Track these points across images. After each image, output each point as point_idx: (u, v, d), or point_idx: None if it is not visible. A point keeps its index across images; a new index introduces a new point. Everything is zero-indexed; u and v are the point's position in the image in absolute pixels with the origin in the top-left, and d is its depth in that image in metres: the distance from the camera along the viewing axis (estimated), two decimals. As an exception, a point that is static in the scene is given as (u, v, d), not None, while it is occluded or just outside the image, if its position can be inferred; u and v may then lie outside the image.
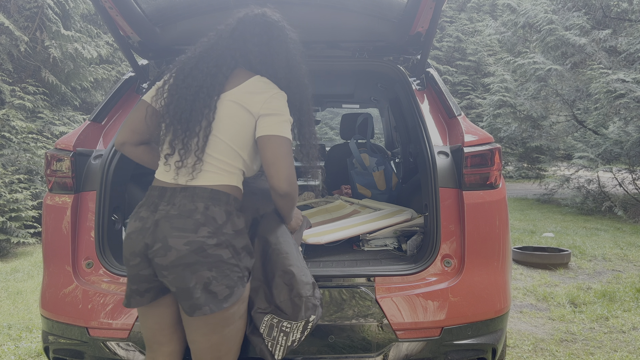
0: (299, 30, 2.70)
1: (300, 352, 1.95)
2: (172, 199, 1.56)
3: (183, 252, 1.48)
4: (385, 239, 2.49)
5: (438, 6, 2.23)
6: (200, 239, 1.50)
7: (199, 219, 1.52)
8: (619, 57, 9.94)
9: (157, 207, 1.56)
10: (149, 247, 1.53)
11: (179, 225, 1.51)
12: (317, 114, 5.60)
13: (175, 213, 1.53)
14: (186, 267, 1.49)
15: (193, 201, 1.54)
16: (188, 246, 1.49)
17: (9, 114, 7.02)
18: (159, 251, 1.50)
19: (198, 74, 1.63)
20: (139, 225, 1.56)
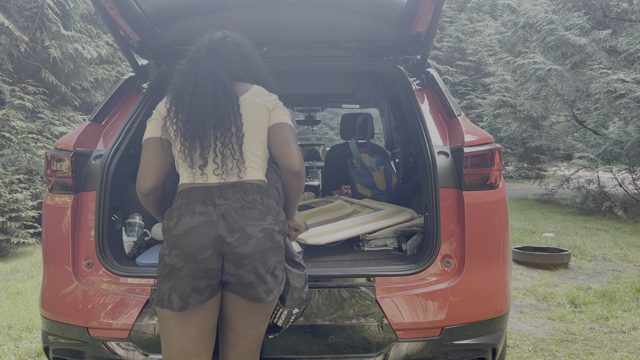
0: (299, 30, 2.72)
1: (301, 351, 1.95)
2: (223, 194, 1.61)
3: (260, 238, 1.58)
4: (385, 239, 2.49)
5: (438, 6, 2.23)
6: (269, 225, 1.61)
7: (262, 209, 1.62)
8: (619, 57, 9.94)
9: (214, 202, 1.59)
10: (224, 238, 1.55)
11: (250, 215, 1.59)
12: (317, 114, 5.60)
13: (239, 205, 1.59)
14: (264, 253, 1.58)
15: (248, 194, 1.62)
16: (263, 233, 1.58)
17: (9, 114, 7.02)
18: (240, 240, 1.55)
19: (205, 91, 1.66)
20: (202, 219, 1.56)
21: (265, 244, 1.58)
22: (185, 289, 1.55)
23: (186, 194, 1.63)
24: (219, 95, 1.66)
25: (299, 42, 2.81)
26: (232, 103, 1.67)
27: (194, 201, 1.61)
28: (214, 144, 1.63)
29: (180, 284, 1.55)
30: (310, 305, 1.97)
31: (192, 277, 1.55)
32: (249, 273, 1.56)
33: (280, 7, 2.59)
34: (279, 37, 2.73)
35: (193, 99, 1.66)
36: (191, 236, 1.55)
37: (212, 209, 1.57)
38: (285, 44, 2.82)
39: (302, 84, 3.97)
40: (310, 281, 2.01)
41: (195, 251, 1.54)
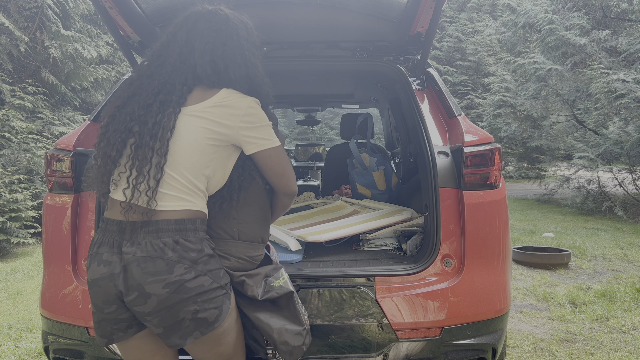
0: (298, 30, 2.71)
1: (300, 352, 1.95)
2: (134, 237, 1.41)
3: (164, 296, 1.38)
4: (385, 239, 2.49)
5: (438, 6, 2.22)
6: (177, 277, 1.39)
7: (171, 257, 1.40)
8: (619, 57, 9.93)
9: (120, 249, 1.42)
10: (123, 295, 1.42)
11: (152, 269, 1.38)
12: (317, 114, 5.60)
13: (143, 255, 1.39)
14: (170, 308, 1.40)
15: (159, 237, 1.41)
16: (167, 288, 1.39)
17: (9, 114, 7.02)
18: (138, 300, 1.39)
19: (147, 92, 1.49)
20: (105, 271, 1.42)
21: (172, 299, 1.39)
22: (105, 329, 1.50)
23: (104, 227, 1.48)
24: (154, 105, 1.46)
25: (299, 42, 2.80)
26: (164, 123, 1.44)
27: (105, 242, 1.45)
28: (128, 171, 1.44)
29: (98, 326, 1.50)
30: (310, 305, 1.97)
31: (108, 322, 1.49)
32: (155, 327, 1.44)
33: (280, 7, 2.59)
34: (278, 37, 2.73)
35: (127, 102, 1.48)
36: (95, 289, 1.45)
37: (117, 259, 1.41)
38: (285, 44, 2.82)
39: (302, 84, 3.96)
40: (310, 281, 2.01)
41: (101, 305, 1.46)
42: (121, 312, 1.46)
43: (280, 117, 18.83)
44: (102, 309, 1.47)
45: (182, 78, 1.52)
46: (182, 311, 1.42)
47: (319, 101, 4.85)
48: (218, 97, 1.52)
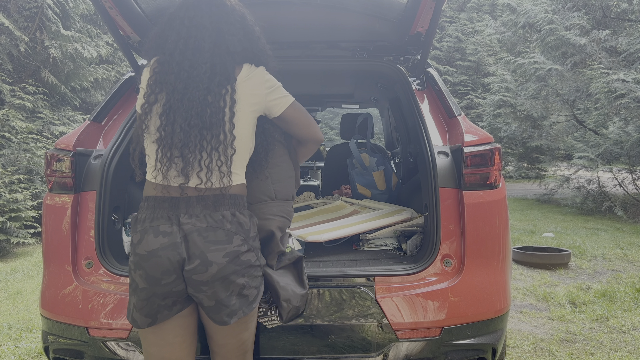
0: (299, 30, 2.71)
1: (301, 352, 1.95)
2: (190, 209, 1.48)
3: (223, 264, 1.46)
4: (385, 239, 2.49)
5: (438, 6, 2.22)
6: (235, 248, 1.49)
7: (229, 229, 1.49)
8: (619, 57, 9.94)
9: (179, 220, 1.47)
10: (186, 262, 1.46)
11: (214, 238, 1.46)
12: (317, 114, 5.60)
13: (204, 226, 1.47)
14: (225, 278, 1.47)
15: (217, 209, 1.49)
16: (227, 258, 1.47)
17: (8, 114, 7.02)
18: (199, 268, 1.45)
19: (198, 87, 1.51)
20: (165, 241, 1.45)
21: (229, 269, 1.47)
22: (152, 307, 1.50)
23: (152, 205, 1.51)
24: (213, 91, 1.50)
25: (299, 42, 2.80)
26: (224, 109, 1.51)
27: (159, 216, 1.48)
28: (198, 154, 1.48)
29: (145, 304, 1.50)
30: (310, 305, 1.97)
31: (158, 297, 1.49)
32: (208, 298, 1.49)
33: (280, 7, 2.59)
34: (278, 37, 2.73)
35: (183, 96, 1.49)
36: (154, 260, 1.45)
37: (177, 229, 1.46)
38: (285, 44, 2.82)
39: (302, 84, 3.96)
40: (310, 281, 2.01)
41: (159, 276, 1.46)
42: (178, 283, 1.48)
43: (280, 117, 18.77)
44: (159, 281, 1.46)
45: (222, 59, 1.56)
46: (234, 284, 1.49)
47: (319, 101, 4.85)
48: (244, 73, 1.61)
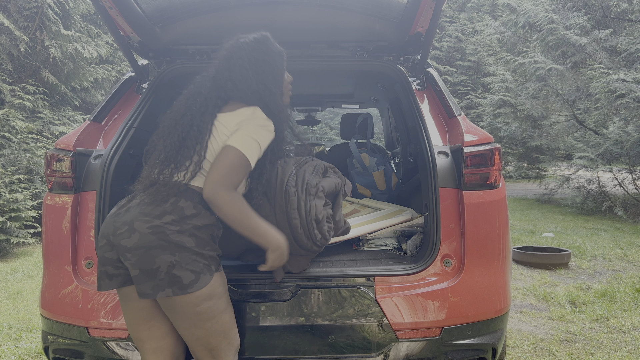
0: (299, 30, 2.71)
1: (301, 351, 1.95)
2: (149, 188, 1.69)
3: (145, 234, 1.58)
4: (385, 239, 2.49)
5: (438, 6, 2.22)
6: (162, 223, 1.59)
7: (166, 208, 1.63)
8: (619, 57, 9.94)
9: (134, 197, 1.72)
10: (115, 230, 1.62)
11: (147, 211, 1.62)
12: (317, 114, 5.60)
13: (148, 200, 1.65)
14: (148, 249, 1.57)
15: (168, 194, 1.66)
16: (150, 230, 1.58)
17: (8, 114, 7.02)
18: (124, 234, 1.59)
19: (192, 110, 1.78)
20: (114, 210, 1.71)
21: (151, 241, 1.57)
22: (99, 270, 1.71)
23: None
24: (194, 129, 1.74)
25: (299, 42, 2.80)
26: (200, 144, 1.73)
27: (128, 196, 1.77)
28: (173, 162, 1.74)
29: (98, 265, 1.72)
30: (310, 305, 1.97)
31: (100, 262, 1.70)
32: (133, 266, 1.59)
33: (280, 7, 2.59)
34: (279, 37, 2.72)
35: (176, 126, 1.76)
36: (103, 224, 1.69)
37: (127, 203, 1.70)
38: (285, 44, 2.80)
39: (302, 84, 3.96)
40: (310, 281, 2.01)
41: (98, 239, 1.70)
42: (108, 248, 1.66)
43: (280, 117, 18.78)
44: (97, 243, 1.70)
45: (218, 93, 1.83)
46: (159, 258, 1.57)
47: (319, 101, 4.85)
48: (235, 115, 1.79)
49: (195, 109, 1.79)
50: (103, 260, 1.68)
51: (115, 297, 1.99)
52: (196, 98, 1.81)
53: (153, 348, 1.76)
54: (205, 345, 1.69)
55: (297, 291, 1.98)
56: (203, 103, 1.79)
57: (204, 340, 1.68)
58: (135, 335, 1.77)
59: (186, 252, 1.60)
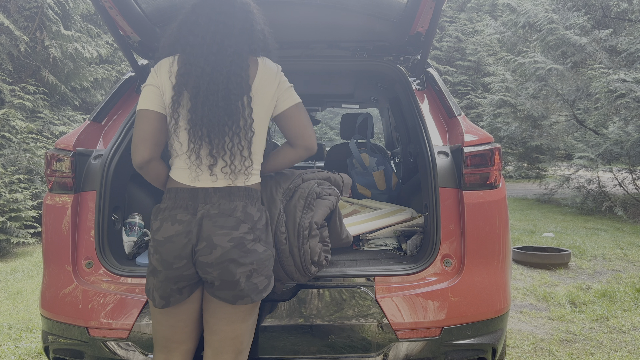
0: (298, 30, 2.71)
1: (301, 352, 1.95)
2: (208, 199, 1.61)
3: (227, 248, 1.56)
4: (385, 239, 2.49)
5: (438, 6, 2.22)
6: (241, 234, 1.58)
7: (239, 217, 1.59)
8: (619, 57, 9.94)
9: (196, 209, 1.60)
10: (194, 246, 1.58)
11: (222, 224, 1.57)
12: (317, 114, 5.60)
13: (216, 212, 1.59)
14: (231, 262, 1.56)
15: (232, 201, 1.62)
16: (232, 242, 1.57)
17: (8, 114, 7.02)
18: (204, 250, 1.56)
19: (219, 83, 1.59)
20: (180, 228, 1.58)
21: (234, 253, 1.56)
22: (165, 290, 1.63)
23: (173, 195, 1.65)
24: (231, 82, 1.59)
25: (299, 41, 2.80)
26: (241, 107, 1.60)
27: (179, 205, 1.62)
28: (226, 141, 1.60)
29: (160, 285, 1.63)
30: (310, 305, 1.97)
31: (170, 281, 1.62)
32: (215, 279, 1.59)
33: (280, 7, 2.59)
34: (279, 37, 2.71)
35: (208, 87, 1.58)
36: (168, 245, 1.59)
37: (192, 218, 1.59)
38: (285, 43, 2.82)
39: (302, 84, 3.96)
40: (310, 281, 2.01)
41: (172, 260, 1.59)
42: (188, 267, 1.60)
43: (280, 117, 18.78)
44: (171, 265, 1.59)
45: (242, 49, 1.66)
46: (240, 268, 1.57)
47: (319, 101, 4.85)
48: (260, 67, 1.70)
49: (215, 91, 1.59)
50: (179, 278, 1.61)
51: (115, 297, 1.99)
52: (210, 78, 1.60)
53: (188, 349, 1.74)
54: (238, 345, 1.68)
55: (296, 291, 1.98)
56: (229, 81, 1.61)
57: (240, 338, 1.68)
58: (175, 337, 1.70)
59: (260, 259, 1.62)
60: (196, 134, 1.59)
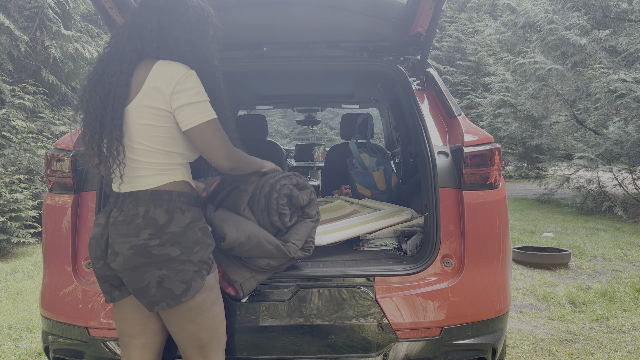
0: (298, 30, 2.71)
1: (300, 352, 1.95)
2: (121, 205, 1.63)
3: (128, 255, 1.55)
4: (385, 239, 2.49)
5: (438, 6, 2.22)
6: (142, 241, 1.55)
7: (139, 223, 1.56)
8: (619, 57, 9.94)
9: (110, 214, 1.65)
10: (105, 252, 1.64)
11: (123, 231, 1.57)
12: (317, 114, 5.60)
13: (121, 219, 1.59)
14: (135, 268, 1.56)
15: (136, 206, 1.59)
16: (132, 250, 1.55)
17: (9, 114, 7.02)
18: (110, 257, 1.60)
19: (105, 81, 1.60)
20: (96, 231, 1.66)
21: (135, 260, 1.54)
22: (104, 287, 1.71)
23: (109, 200, 1.71)
24: (111, 91, 1.57)
25: (299, 42, 2.80)
26: (117, 109, 1.57)
27: (104, 209, 1.70)
28: (101, 146, 1.62)
29: (100, 283, 1.73)
30: (310, 305, 1.97)
31: (101, 279, 1.70)
32: (127, 285, 1.61)
33: (280, 7, 2.59)
34: (278, 37, 2.73)
35: (94, 90, 1.60)
36: (90, 247, 1.68)
37: (106, 222, 1.64)
38: (285, 44, 2.82)
39: (302, 84, 3.96)
40: (310, 281, 2.01)
41: (93, 260, 1.68)
42: (107, 269, 1.66)
43: (280, 117, 18.80)
44: (94, 265, 1.68)
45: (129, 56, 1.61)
46: (147, 274, 1.55)
47: (319, 101, 4.85)
48: (151, 76, 1.58)
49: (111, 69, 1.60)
50: (105, 277, 1.68)
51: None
52: (113, 56, 1.62)
53: (142, 344, 1.76)
54: (196, 341, 1.68)
55: (297, 291, 1.98)
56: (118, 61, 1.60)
57: (194, 336, 1.67)
58: (127, 330, 1.75)
59: (173, 263, 1.56)
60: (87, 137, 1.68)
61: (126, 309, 1.73)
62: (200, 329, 1.66)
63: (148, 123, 1.59)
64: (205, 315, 1.66)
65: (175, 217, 1.59)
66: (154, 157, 1.62)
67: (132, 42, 1.60)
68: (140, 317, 1.74)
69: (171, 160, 1.65)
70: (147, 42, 1.59)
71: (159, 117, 1.59)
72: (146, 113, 1.58)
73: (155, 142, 1.61)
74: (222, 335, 1.75)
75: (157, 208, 1.58)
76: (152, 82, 1.57)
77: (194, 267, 1.60)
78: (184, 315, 1.63)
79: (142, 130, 1.59)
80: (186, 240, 1.59)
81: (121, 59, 1.59)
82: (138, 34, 1.60)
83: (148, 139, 1.60)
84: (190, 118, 1.58)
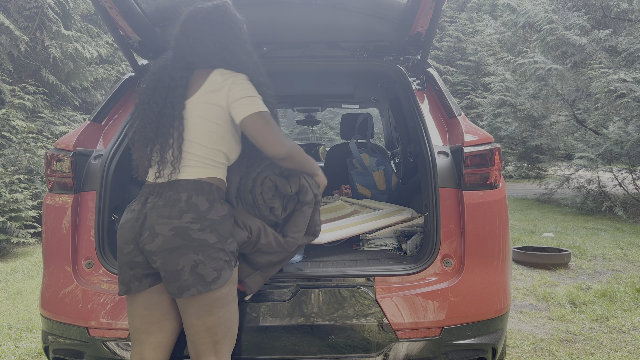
0: (299, 30, 2.71)
1: (301, 352, 1.95)
2: (160, 192, 1.69)
3: (169, 236, 1.60)
4: (385, 239, 2.49)
5: (438, 6, 2.22)
6: (184, 224, 1.61)
7: (182, 207, 1.63)
8: (619, 57, 9.94)
9: (146, 201, 1.70)
10: (139, 235, 1.66)
11: (165, 214, 1.63)
12: (317, 114, 5.60)
13: (162, 203, 1.65)
14: (173, 250, 1.60)
15: (178, 192, 1.67)
16: (173, 231, 1.60)
17: (9, 114, 7.02)
18: (147, 238, 1.62)
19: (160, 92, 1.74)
20: (130, 216, 1.71)
21: (175, 242, 1.59)
22: (124, 276, 1.72)
23: (141, 192, 1.78)
24: (168, 98, 1.73)
25: (299, 42, 2.80)
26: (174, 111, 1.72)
27: (137, 199, 1.75)
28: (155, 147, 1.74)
29: (121, 272, 1.74)
30: (310, 305, 1.97)
31: (126, 266, 1.71)
32: (160, 268, 1.63)
33: (280, 7, 2.59)
34: (279, 37, 2.73)
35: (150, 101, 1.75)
36: (120, 232, 1.72)
37: (143, 208, 1.69)
38: (285, 43, 2.82)
39: (302, 84, 3.96)
40: (310, 281, 2.01)
41: (122, 245, 1.71)
42: (136, 253, 1.68)
43: (280, 117, 18.80)
44: (122, 250, 1.70)
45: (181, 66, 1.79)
46: (184, 257, 1.59)
47: (319, 101, 4.85)
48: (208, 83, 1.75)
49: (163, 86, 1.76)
50: (132, 264, 1.69)
51: (115, 297, 1.99)
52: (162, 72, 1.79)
53: (158, 342, 1.76)
54: (213, 336, 1.69)
55: (297, 291, 1.98)
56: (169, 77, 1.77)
57: (212, 329, 1.68)
58: (143, 328, 1.74)
59: (209, 250, 1.62)
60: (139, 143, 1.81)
61: (142, 304, 1.73)
62: (219, 323, 1.69)
63: (204, 117, 1.72)
64: (226, 310, 1.70)
65: (215, 206, 1.68)
66: (202, 152, 1.72)
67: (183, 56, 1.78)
68: (158, 314, 1.75)
69: (216, 157, 1.75)
70: (198, 55, 1.77)
71: (214, 113, 1.72)
72: (203, 108, 1.72)
73: (205, 138, 1.72)
74: (234, 336, 1.78)
75: (199, 195, 1.67)
76: (208, 87, 1.74)
77: (226, 256, 1.67)
78: (208, 306, 1.65)
79: (197, 125, 1.72)
80: (223, 229, 1.68)
81: (173, 72, 1.76)
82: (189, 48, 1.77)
83: (201, 133, 1.72)
84: (244, 108, 1.71)
